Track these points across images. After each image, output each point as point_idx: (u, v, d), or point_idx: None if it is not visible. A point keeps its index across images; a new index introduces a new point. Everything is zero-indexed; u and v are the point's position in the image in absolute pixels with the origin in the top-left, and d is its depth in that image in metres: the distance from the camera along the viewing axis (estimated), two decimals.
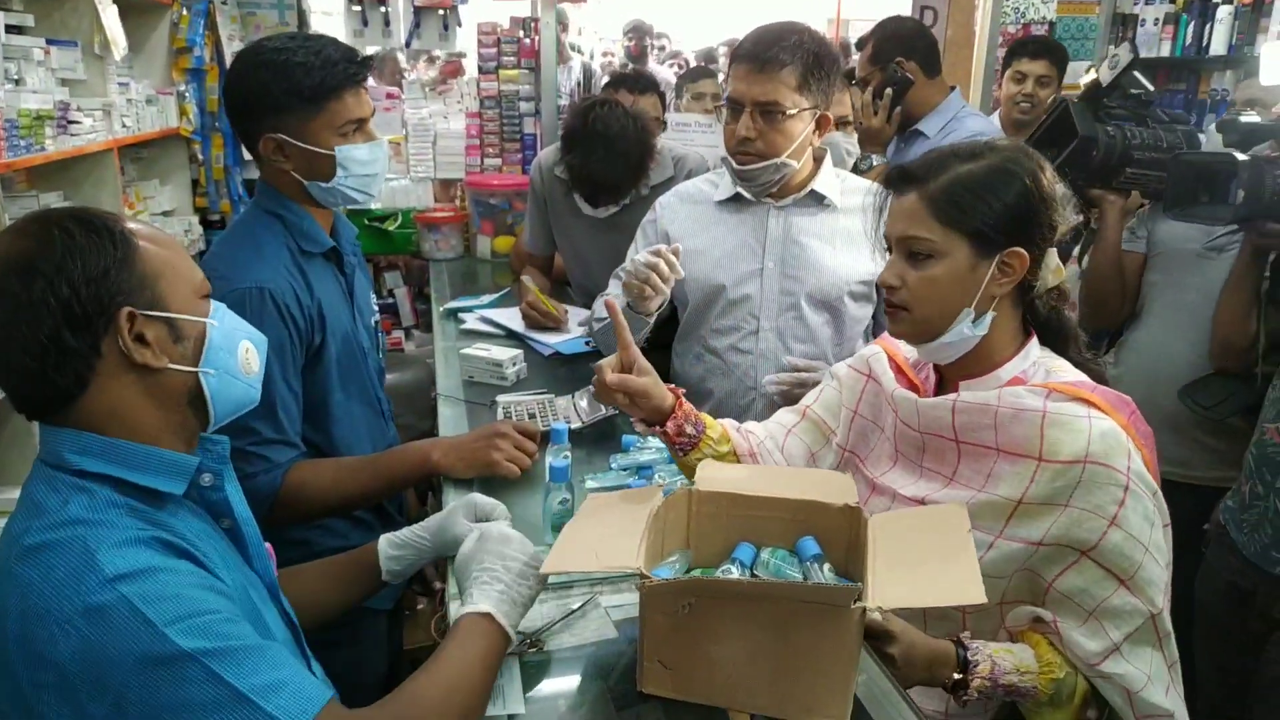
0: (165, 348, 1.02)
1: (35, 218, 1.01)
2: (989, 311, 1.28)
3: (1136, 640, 1.21)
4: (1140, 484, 1.20)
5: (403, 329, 3.79)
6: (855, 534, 1.24)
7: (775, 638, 1.07)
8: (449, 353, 2.42)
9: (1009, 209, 1.25)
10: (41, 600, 0.88)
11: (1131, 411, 1.26)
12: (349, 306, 1.75)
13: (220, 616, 0.93)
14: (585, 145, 2.35)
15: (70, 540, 0.91)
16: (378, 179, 1.71)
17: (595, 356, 2.32)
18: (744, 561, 1.23)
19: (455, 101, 3.71)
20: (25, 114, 2.17)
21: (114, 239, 0.99)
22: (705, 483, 1.31)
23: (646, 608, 1.10)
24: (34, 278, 0.95)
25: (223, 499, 1.10)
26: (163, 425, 1.03)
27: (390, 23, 3.54)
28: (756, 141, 1.83)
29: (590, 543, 1.15)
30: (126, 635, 0.87)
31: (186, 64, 3.32)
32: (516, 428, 1.70)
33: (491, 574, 1.15)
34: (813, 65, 1.82)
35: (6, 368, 0.99)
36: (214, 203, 3.48)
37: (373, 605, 1.74)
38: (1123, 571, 1.19)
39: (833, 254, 1.91)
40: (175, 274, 1.04)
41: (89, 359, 0.98)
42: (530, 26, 3.60)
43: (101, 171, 2.72)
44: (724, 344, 1.97)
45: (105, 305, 0.97)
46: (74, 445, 0.98)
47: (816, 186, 1.93)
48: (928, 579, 1.09)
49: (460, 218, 3.58)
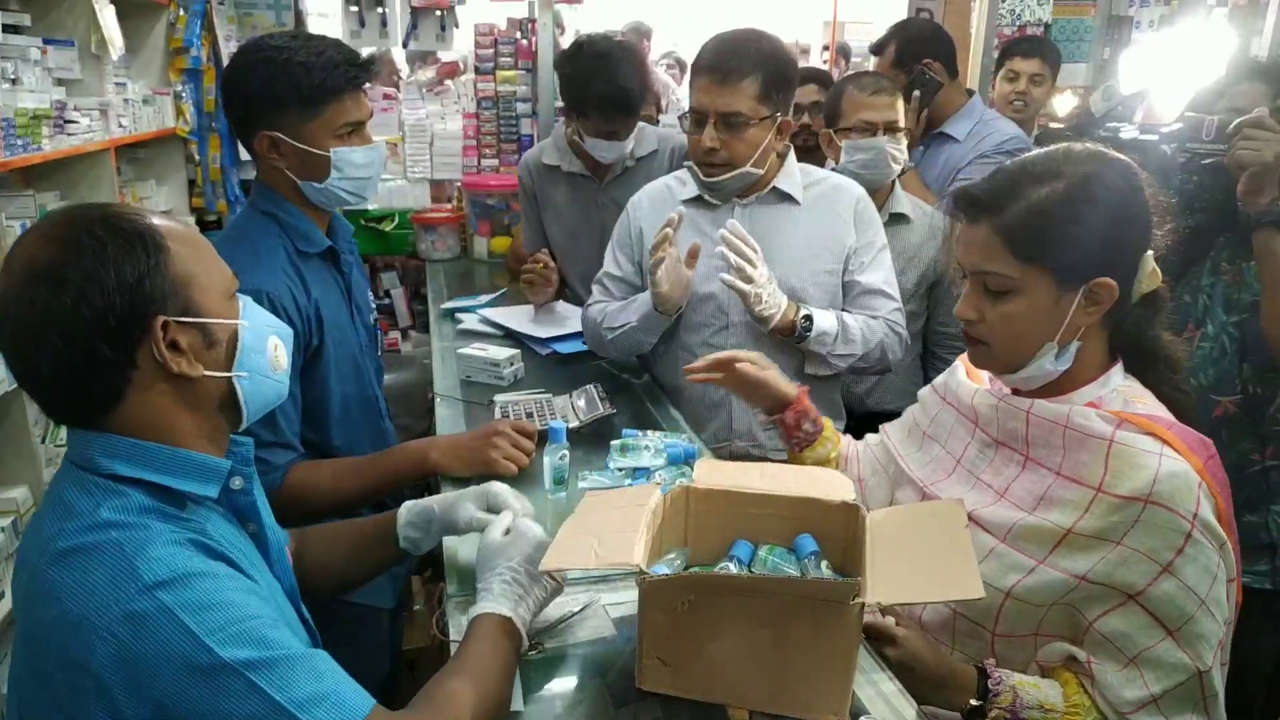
0: (199, 354, 1.00)
1: (62, 220, 0.96)
2: (1074, 342, 1.20)
3: (1178, 697, 1.12)
4: (1205, 534, 1.11)
5: (399, 329, 3.78)
6: (853, 531, 1.24)
7: (774, 634, 1.07)
8: (446, 353, 2.42)
9: (1094, 237, 1.14)
10: (78, 606, 0.87)
11: (1210, 456, 1.17)
12: (347, 305, 1.76)
13: (261, 622, 0.92)
14: (585, 70, 2.38)
15: (106, 545, 0.90)
16: (372, 182, 1.71)
17: (593, 356, 2.33)
18: (742, 559, 1.24)
19: (452, 102, 3.71)
20: (22, 113, 2.16)
21: (145, 245, 0.96)
22: (703, 480, 1.31)
23: (646, 605, 1.11)
24: (64, 287, 0.91)
25: (250, 503, 1.09)
26: (196, 430, 1.02)
27: (387, 23, 3.53)
28: (721, 151, 1.87)
29: (589, 540, 1.15)
30: (167, 644, 0.86)
31: (183, 64, 3.31)
32: (514, 426, 1.70)
33: (515, 576, 1.17)
34: (773, 73, 1.84)
35: (36, 378, 0.97)
36: (210, 203, 3.47)
37: (374, 603, 1.75)
38: (1171, 622, 1.11)
39: (796, 246, 1.95)
40: (206, 276, 1.01)
41: (124, 370, 0.96)
42: (527, 27, 3.60)
43: (98, 171, 2.71)
44: (696, 340, 1.99)
45: (140, 315, 0.95)
46: (105, 449, 0.97)
47: (779, 184, 1.96)
48: (925, 575, 1.08)
49: (457, 218, 3.58)
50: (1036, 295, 1.17)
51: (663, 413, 2.06)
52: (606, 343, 2.08)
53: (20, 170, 2.33)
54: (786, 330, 1.88)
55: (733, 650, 1.09)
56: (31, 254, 0.94)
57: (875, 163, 2.22)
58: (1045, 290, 1.17)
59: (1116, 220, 1.15)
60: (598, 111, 2.42)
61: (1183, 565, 1.10)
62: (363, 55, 1.68)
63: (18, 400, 2.11)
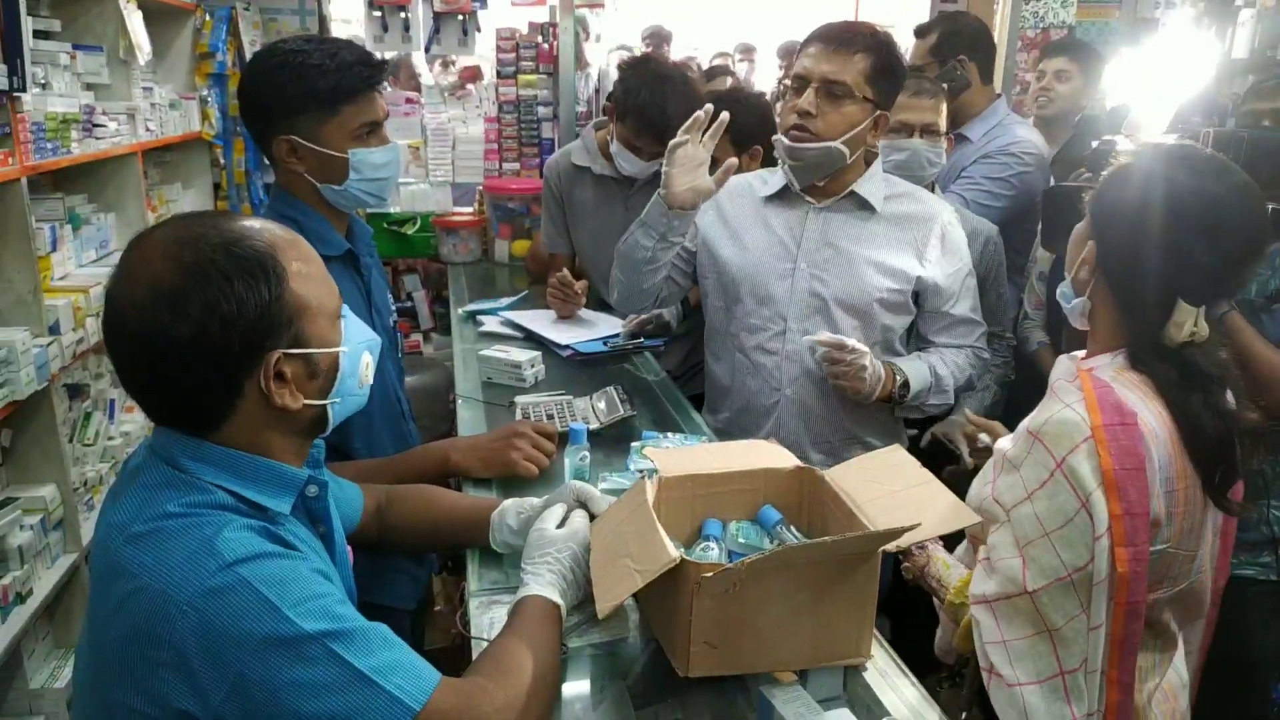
0: (301, 385, 1.01)
1: (189, 242, 0.95)
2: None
3: (1012, 608, 1.22)
4: (1070, 479, 1.18)
5: (421, 332, 3.80)
6: (808, 493, 1.36)
7: (814, 594, 1.14)
8: (468, 355, 2.43)
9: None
10: (158, 582, 0.89)
11: (1121, 424, 1.19)
12: (366, 308, 1.76)
13: (334, 599, 0.95)
14: (640, 80, 2.44)
15: (183, 528, 0.92)
16: (390, 183, 1.71)
17: (612, 359, 2.33)
18: (717, 536, 1.29)
19: (474, 106, 3.73)
20: (52, 117, 2.20)
21: (268, 275, 0.96)
22: (668, 469, 1.34)
23: (695, 595, 1.10)
24: (185, 317, 0.92)
25: (323, 506, 1.11)
26: (284, 447, 1.04)
27: (410, 28, 3.55)
28: (816, 119, 1.80)
29: (623, 563, 1.15)
30: (248, 617, 0.88)
31: (209, 69, 3.35)
32: (534, 428, 1.70)
33: (563, 569, 1.20)
34: (885, 61, 1.82)
35: (141, 388, 0.98)
36: (235, 206, 3.50)
37: (397, 605, 1.76)
38: (1020, 541, 1.22)
39: (866, 259, 1.89)
40: (318, 301, 1.02)
41: (231, 399, 0.98)
42: (549, 32, 3.62)
43: (125, 174, 2.75)
44: (751, 343, 1.96)
45: (254, 350, 0.96)
46: (192, 452, 0.98)
47: (859, 189, 1.90)
48: (927, 513, 1.20)
49: (478, 222, 3.59)
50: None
51: (683, 414, 2.06)
52: (617, 259, 2.01)
53: (50, 173, 2.36)
54: (884, 399, 1.87)
55: (778, 618, 1.13)
56: (155, 272, 0.93)
57: (910, 164, 2.17)
58: None
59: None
60: (633, 121, 2.47)
61: (1040, 497, 1.21)
62: (377, 57, 1.69)
63: (46, 400, 2.14)
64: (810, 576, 1.13)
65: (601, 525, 1.27)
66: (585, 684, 1.19)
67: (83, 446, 2.46)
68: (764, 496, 1.35)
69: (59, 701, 2.16)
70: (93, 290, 2.33)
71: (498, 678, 1.02)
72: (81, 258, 2.53)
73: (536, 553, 1.22)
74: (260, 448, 1.01)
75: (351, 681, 0.90)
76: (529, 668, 1.04)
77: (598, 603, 1.13)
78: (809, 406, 1.92)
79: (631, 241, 1.92)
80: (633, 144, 2.54)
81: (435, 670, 0.98)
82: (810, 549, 1.14)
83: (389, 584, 1.74)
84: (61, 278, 2.38)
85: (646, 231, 1.88)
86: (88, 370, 2.54)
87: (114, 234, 2.73)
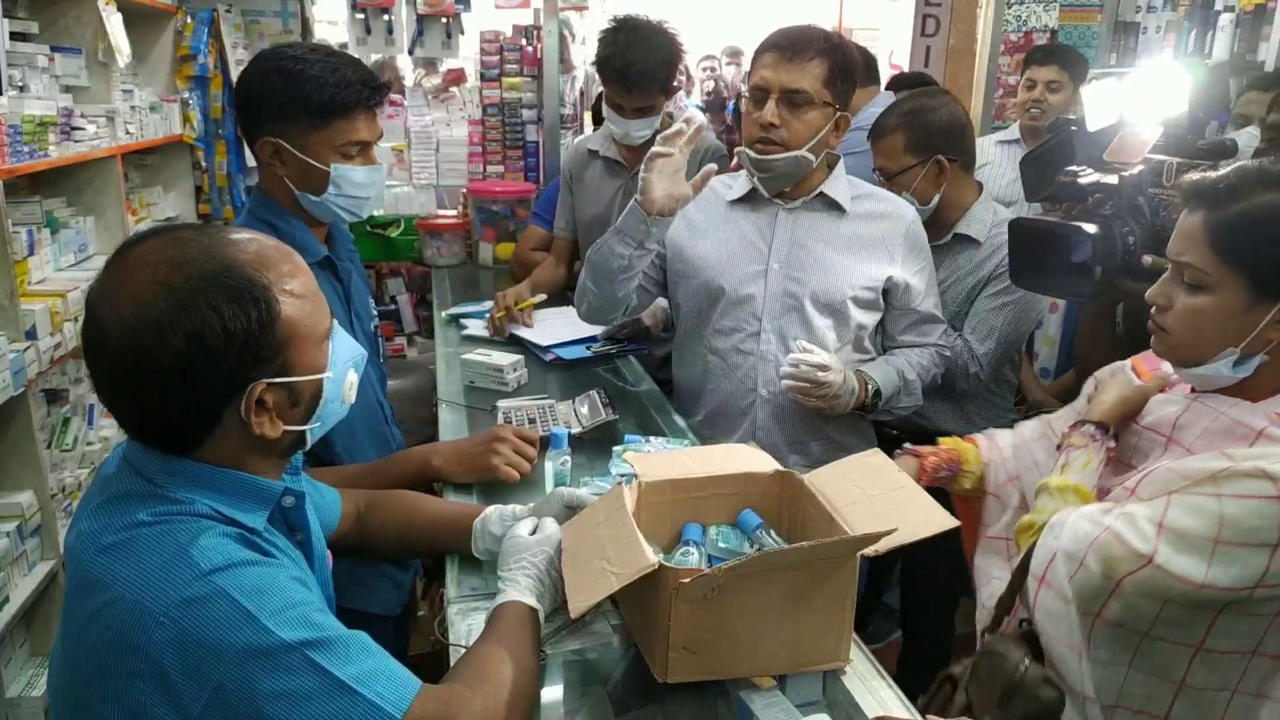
0: (283, 413, 1.00)
1: (181, 265, 0.93)
2: (1259, 355, 1.18)
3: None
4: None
5: (405, 335, 3.79)
6: (788, 497, 1.35)
7: (792, 599, 1.14)
8: (450, 358, 2.43)
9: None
10: (133, 592, 0.88)
11: None
12: (346, 314, 1.75)
13: (312, 607, 0.94)
14: (621, 37, 2.46)
15: (156, 536, 0.91)
16: (370, 202, 1.71)
17: (596, 362, 2.33)
18: (696, 540, 1.29)
19: (458, 109, 3.72)
20: (29, 120, 2.18)
21: (259, 309, 0.94)
22: (647, 473, 1.34)
23: (673, 600, 1.09)
24: (168, 341, 0.90)
25: (301, 515, 1.10)
26: (261, 466, 1.03)
27: (393, 30, 3.55)
28: (780, 129, 1.81)
29: (598, 565, 1.15)
30: (227, 627, 0.87)
31: (190, 71, 3.33)
32: (516, 432, 1.70)
33: (539, 574, 1.20)
34: (840, 64, 1.83)
35: (119, 408, 0.97)
36: (217, 210, 3.48)
37: (381, 611, 1.75)
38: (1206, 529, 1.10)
39: (839, 258, 1.91)
40: (310, 329, 1.00)
41: (209, 425, 0.97)
42: (533, 34, 3.61)
43: (105, 178, 2.73)
44: (726, 345, 1.96)
45: (238, 381, 0.95)
46: (164, 467, 0.97)
47: (827, 190, 1.93)
48: (900, 519, 1.19)
49: (462, 225, 3.59)
50: (1226, 297, 1.16)
51: (666, 418, 2.06)
52: (587, 269, 1.96)
53: (28, 176, 2.35)
54: (859, 408, 1.89)
55: (756, 623, 1.13)
56: (143, 294, 0.91)
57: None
58: (1236, 295, 1.16)
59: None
60: (612, 79, 2.51)
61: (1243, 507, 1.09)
62: (381, 78, 1.68)
63: (23, 405, 2.12)
64: (789, 581, 1.13)
65: (573, 527, 1.26)
66: (564, 689, 1.19)
67: (61, 452, 2.43)
68: (744, 501, 1.35)
69: (37, 710, 2.13)
70: (71, 295, 2.31)
71: (476, 684, 1.02)
72: (60, 261, 2.51)
73: (512, 559, 1.22)
74: (236, 466, 1.00)
75: (332, 690, 0.90)
76: (508, 673, 1.04)
77: (571, 603, 1.12)
78: (784, 407, 1.93)
79: (605, 250, 1.88)
80: (613, 101, 2.56)
81: (415, 678, 0.97)
82: (788, 554, 1.15)
83: (371, 591, 1.73)
84: (39, 282, 2.36)
85: (623, 239, 1.85)
86: (66, 375, 2.52)
87: (93, 238, 2.71)
